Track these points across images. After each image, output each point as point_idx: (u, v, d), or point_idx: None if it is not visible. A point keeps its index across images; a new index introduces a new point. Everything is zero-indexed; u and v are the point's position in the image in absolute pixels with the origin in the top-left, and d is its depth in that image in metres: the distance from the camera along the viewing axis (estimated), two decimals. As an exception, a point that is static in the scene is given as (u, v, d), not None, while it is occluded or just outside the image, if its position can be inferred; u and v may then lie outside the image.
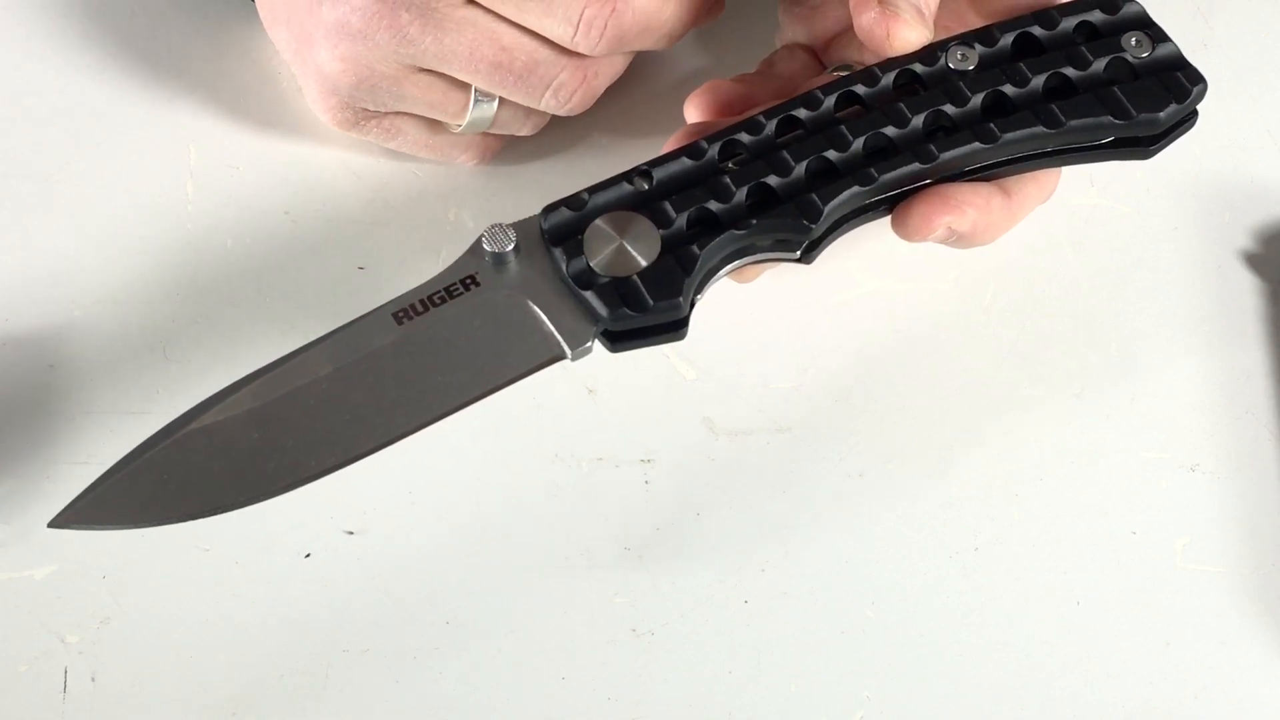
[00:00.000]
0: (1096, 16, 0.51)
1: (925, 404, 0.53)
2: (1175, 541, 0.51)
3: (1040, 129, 0.49)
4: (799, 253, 0.49)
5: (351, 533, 0.51)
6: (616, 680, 0.49)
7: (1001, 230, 0.51)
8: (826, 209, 0.48)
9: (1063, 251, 0.56)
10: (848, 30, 0.53)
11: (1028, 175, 0.51)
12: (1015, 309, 0.55)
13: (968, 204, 0.49)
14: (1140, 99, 0.49)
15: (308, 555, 0.50)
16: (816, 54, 0.55)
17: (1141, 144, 0.50)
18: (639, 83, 0.52)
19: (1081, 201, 0.57)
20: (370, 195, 0.57)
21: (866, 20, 0.49)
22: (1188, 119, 0.51)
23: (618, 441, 0.52)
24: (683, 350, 0.54)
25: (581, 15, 0.50)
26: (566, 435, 0.52)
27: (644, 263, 0.46)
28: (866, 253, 0.56)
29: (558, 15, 0.50)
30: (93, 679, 0.48)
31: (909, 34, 0.49)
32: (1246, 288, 0.55)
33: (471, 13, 0.50)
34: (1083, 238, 0.56)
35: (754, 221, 0.47)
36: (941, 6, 0.51)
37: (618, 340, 0.47)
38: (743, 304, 0.54)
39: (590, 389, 0.53)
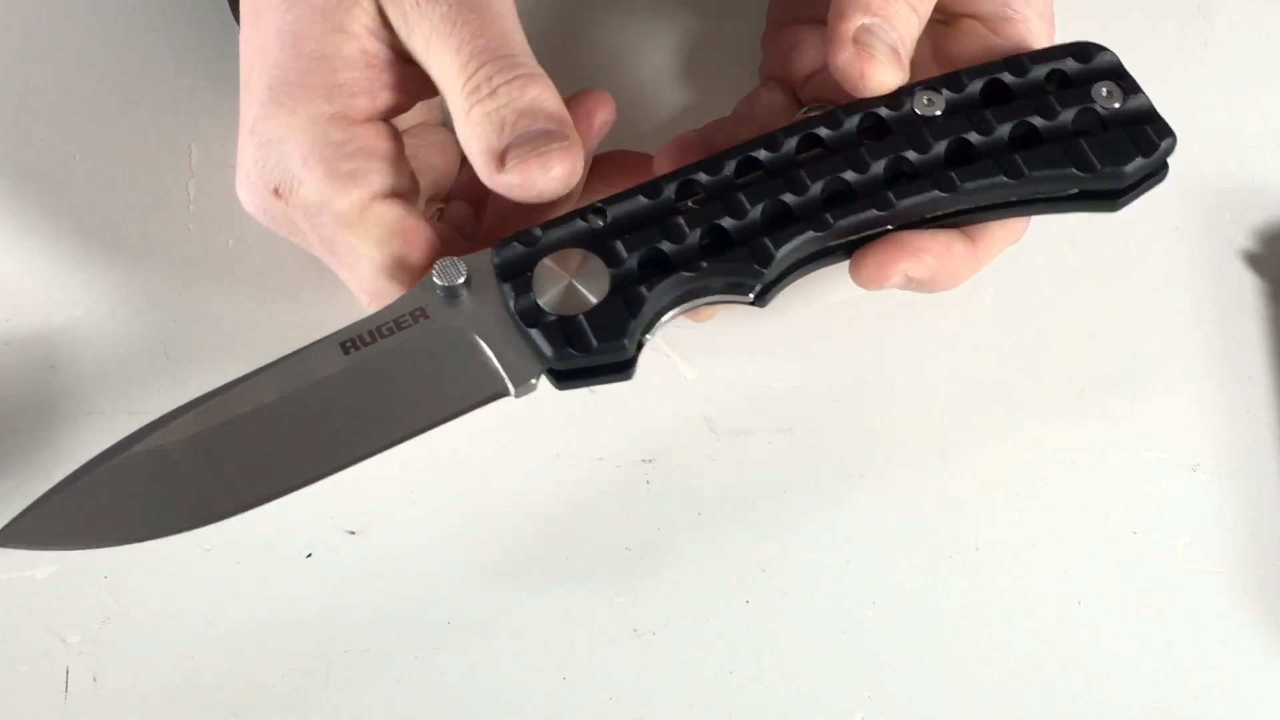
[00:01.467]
0: (1069, 65, 0.50)
1: (925, 404, 0.53)
2: (1176, 541, 0.51)
3: (1002, 179, 0.48)
4: (752, 296, 0.48)
5: (353, 533, 0.51)
6: (617, 680, 0.49)
7: (965, 276, 0.50)
8: (779, 254, 0.47)
9: (1063, 251, 0.56)
10: (825, 68, 0.53)
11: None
12: (1015, 309, 0.55)
13: (926, 251, 0.48)
14: (1106, 152, 0.48)
15: (309, 555, 0.50)
16: (795, 91, 0.54)
17: (1107, 197, 0.50)
18: (623, 124, 0.52)
19: (1082, 201, 0.57)
20: (371, 195, 0.57)
21: (841, 60, 0.49)
22: (1157, 172, 0.50)
23: (619, 441, 0.52)
24: (684, 350, 0.54)
25: None
26: (567, 435, 0.52)
27: (593, 301, 0.46)
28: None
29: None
30: (94, 679, 0.48)
31: (884, 75, 0.49)
32: (1247, 288, 0.55)
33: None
34: (1083, 238, 0.56)
35: (705, 264, 0.47)
36: None
37: (564, 379, 0.47)
38: (743, 304, 0.54)
39: (592, 389, 0.53)
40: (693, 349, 0.54)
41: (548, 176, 0.47)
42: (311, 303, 0.55)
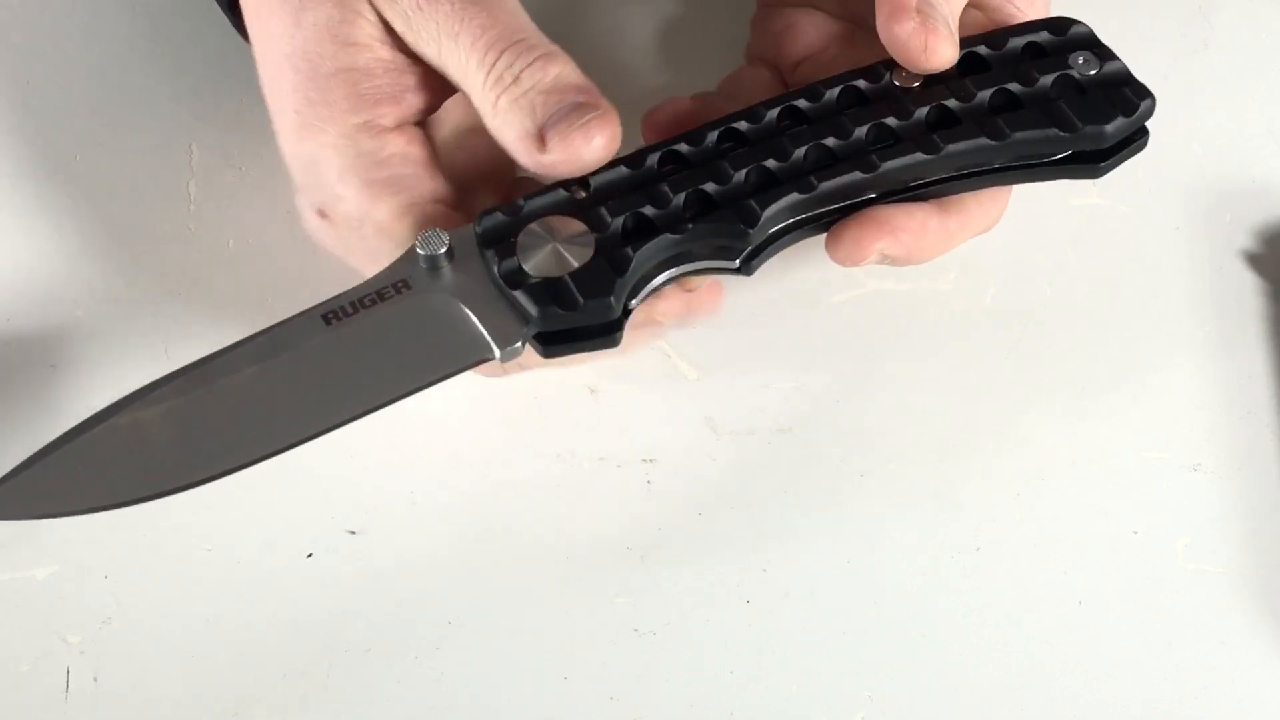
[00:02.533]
0: (1044, 37, 0.50)
1: (926, 404, 0.53)
2: (1176, 541, 0.51)
3: (985, 140, 0.48)
4: (738, 261, 0.48)
5: (353, 533, 0.51)
6: (618, 680, 0.49)
7: (940, 251, 0.50)
8: (764, 215, 0.47)
9: (1063, 251, 0.56)
10: (818, 54, 0.53)
11: (969, 194, 0.50)
12: (1015, 309, 0.55)
13: (902, 229, 0.48)
14: (1086, 112, 0.49)
15: (310, 555, 0.50)
16: (783, 74, 0.54)
17: (1091, 160, 0.50)
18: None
19: (1082, 201, 0.57)
20: (371, 195, 0.57)
21: (903, 31, 0.48)
22: (1138, 136, 0.50)
23: (620, 441, 0.52)
24: (684, 350, 0.54)
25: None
26: (568, 435, 0.52)
27: (576, 264, 0.46)
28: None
29: None
30: (95, 679, 0.48)
31: (946, 49, 0.48)
32: (1248, 287, 0.55)
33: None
34: (1083, 238, 0.56)
35: (690, 226, 0.47)
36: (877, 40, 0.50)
37: (550, 343, 0.47)
38: (744, 304, 0.54)
39: (592, 389, 0.53)
40: (693, 349, 0.54)
41: (590, 147, 0.46)
42: (311, 302, 0.54)
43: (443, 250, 0.46)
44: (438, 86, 0.49)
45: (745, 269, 0.48)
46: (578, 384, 0.53)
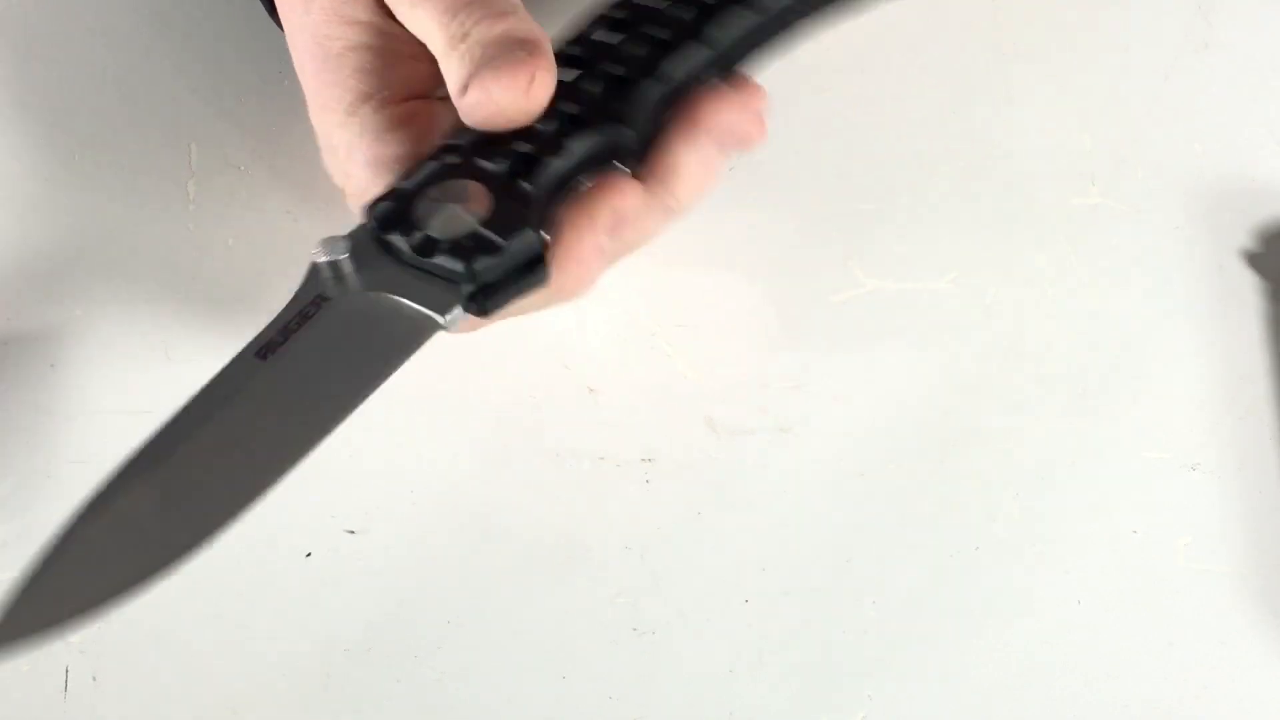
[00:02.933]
0: None
1: (926, 404, 0.53)
2: (1177, 541, 0.51)
3: None
4: (633, 167, 0.48)
5: (353, 532, 0.51)
6: (617, 679, 0.49)
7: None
8: (635, 112, 0.48)
9: (1063, 251, 0.56)
10: None
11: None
12: (1015, 309, 0.55)
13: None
14: None
15: (309, 555, 0.50)
16: None
17: None
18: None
19: (1081, 201, 0.57)
20: (371, 195, 0.57)
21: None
22: None
23: (618, 441, 0.52)
24: (684, 350, 0.54)
25: None
26: (567, 434, 0.52)
27: (481, 214, 0.45)
28: (867, 253, 0.56)
29: None
30: (94, 678, 0.48)
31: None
32: (1248, 287, 0.55)
33: None
34: (1083, 237, 0.56)
35: (566, 144, 0.47)
36: None
37: (484, 301, 0.45)
38: (744, 303, 0.54)
39: (591, 388, 0.53)
40: (693, 348, 0.54)
41: (502, 89, 0.46)
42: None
43: (345, 255, 0.46)
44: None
45: (638, 171, 0.48)
46: (577, 383, 0.53)
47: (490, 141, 0.47)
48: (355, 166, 0.49)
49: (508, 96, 0.46)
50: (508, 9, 0.47)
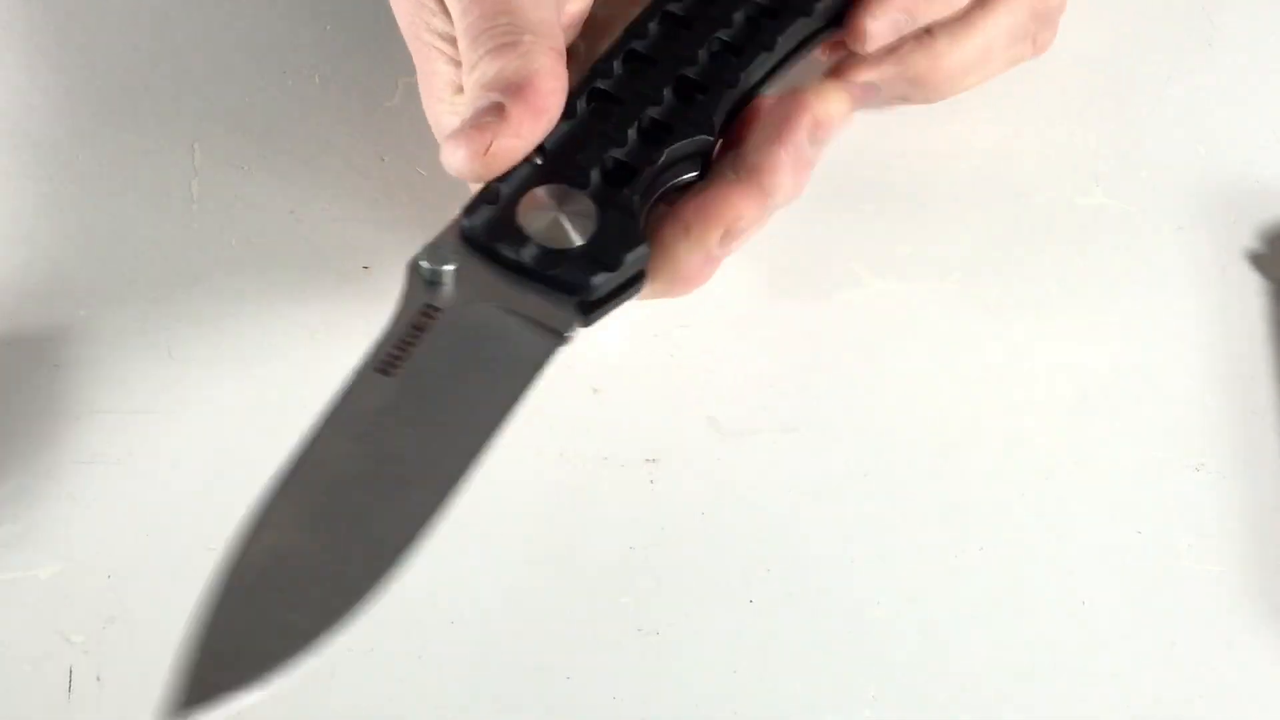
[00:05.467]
0: None
1: (929, 404, 0.53)
2: (1180, 541, 0.51)
3: None
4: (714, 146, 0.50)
5: (356, 532, 0.51)
6: (621, 680, 0.49)
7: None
8: (715, 118, 0.49)
9: (1066, 251, 0.56)
10: None
11: None
12: (1016, 309, 0.55)
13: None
14: None
15: (312, 555, 0.50)
16: None
17: None
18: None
19: (1085, 201, 0.57)
20: (376, 195, 0.57)
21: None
22: None
23: (622, 441, 0.52)
24: (688, 350, 0.54)
25: None
26: (571, 435, 0.52)
27: (591, 228, 0.46)
28: (870, 253, 0.56)
29: None
30: (98, 679, 0.48)
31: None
32: (1251, 288, 0.55)
33: None
34: (1086, 237, 0.56)
35: (661, 153, 0.48)
36: None
37: (591, 310, 0.46)
38: (747, 304, 0.54)
39: (595, 388, 0.53)
40: (697, 349, 0.54)
41: (454, 155, 0.46)
42: (315, 302, 0.55)
43: (452, 265, 0.46)
44: None
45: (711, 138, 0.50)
46: (581, 383, 0.53)
47: (579, 144, 0.48)
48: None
49: (459, 164, 0.46)
50: (512, 39, 0.47)
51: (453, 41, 0.50)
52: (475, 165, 0.46)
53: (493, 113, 0.46)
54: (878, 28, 0.52)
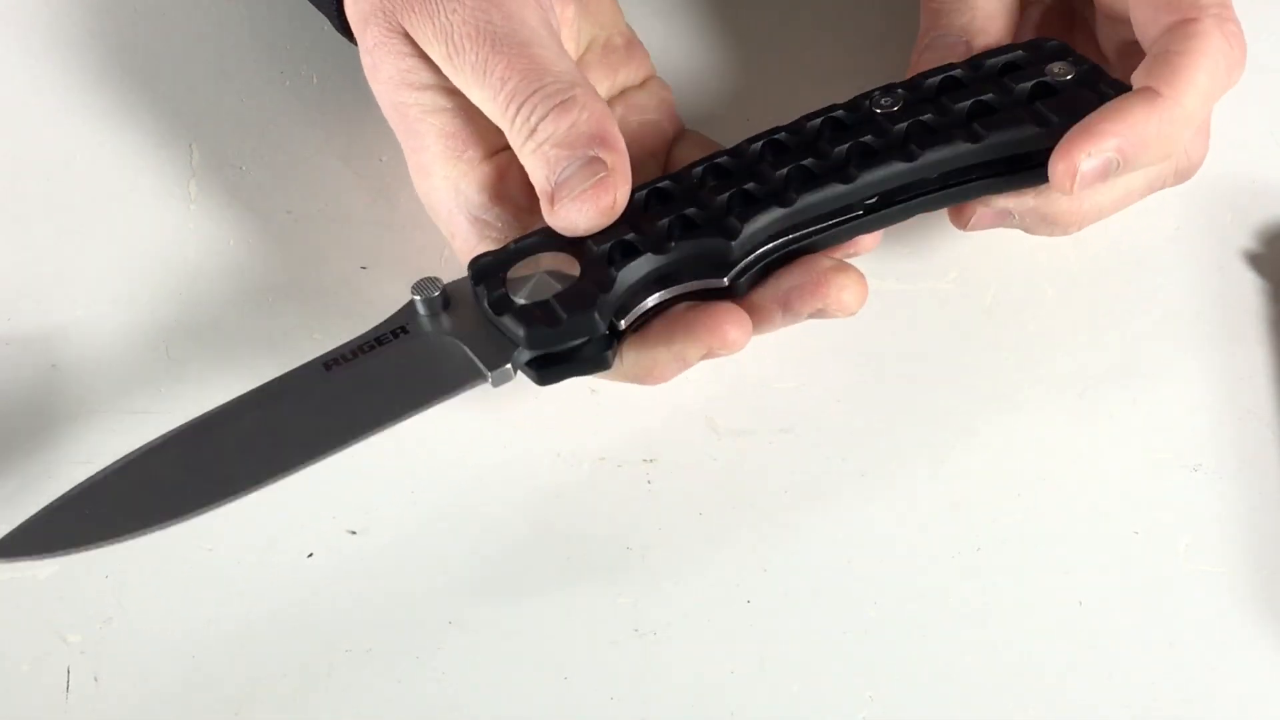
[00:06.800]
0: (1020, 55, 0.51)
1: (927, 404, 0.53)
2: (1178, 542, 0.51)
3: (962, 145, 0.49)
4: (727, 280, 0.49)
5: (354, 533, 0.51)
6: (619, 680, 0.49)
7: (1171, 139, 0.49)
8: (745, 229, 0.48)
9: (1063, 251, 0.56)
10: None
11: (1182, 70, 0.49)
12: (1016, 309, 0.55)
13: (1107, 133, 0.47)
14: (1063, 109, 0.49)
15: (310, 555, 0.50)
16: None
17: None
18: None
19: (1083, 202, 0.57)
20: (373, 195, 0.57)
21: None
22: None
23: (620, 441, 0.52)
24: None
25: None
26: (569, 435, 0.52)
27: (560, 287, 0.47)
28: (868, 254, 0.56)
29: None
30: (95, 679, 0.48)
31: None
32: (1248, 288, 0.55)
33: None
34: (1083, 237, 0.56)
35: (673, 244, 0.48)
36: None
37: (543, 368, 0.48)
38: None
39: (593, 389, 0.53)
40: (694, 349, 0.54)
41: (591, 211, 0.48)
42: (312, 301, 0.55)
43: (437, 294, 0.48)
44: None
45: (735, 288, 0.49)
46: (579, 384, 0.53)
47: (611, 228, 0.48)
48: (458, 227, 0.51)
49: (590, 220, 0.48)
50: (567, 95, 0.48)
51: (442, 114, 0.50)
52: (604, 221, 0.48)
53: (596, 167, 0.47)
54: (1091, 167, 0.48)
